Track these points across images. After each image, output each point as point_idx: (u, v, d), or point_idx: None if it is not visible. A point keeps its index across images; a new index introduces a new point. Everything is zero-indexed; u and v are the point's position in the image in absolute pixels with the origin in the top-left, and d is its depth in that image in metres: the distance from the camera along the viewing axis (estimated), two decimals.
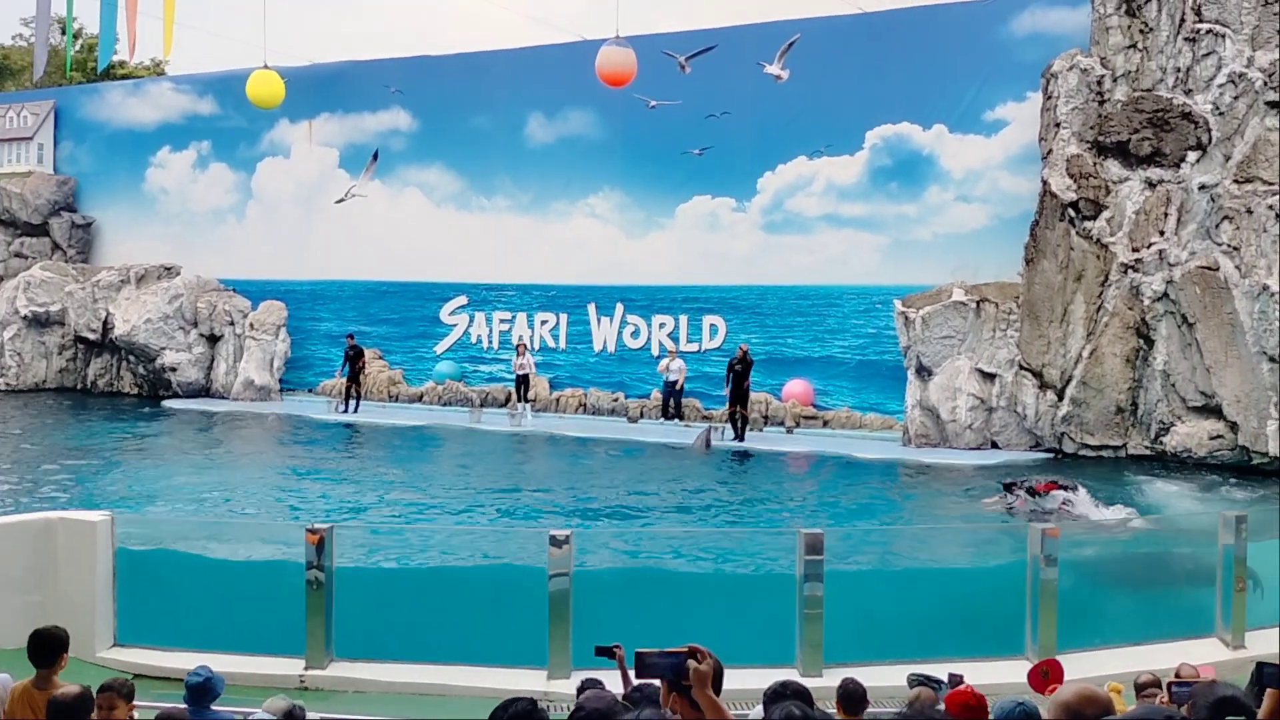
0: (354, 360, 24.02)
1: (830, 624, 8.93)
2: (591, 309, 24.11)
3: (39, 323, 27.57)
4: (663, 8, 26.63)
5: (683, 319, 23.26)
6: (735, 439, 20.15)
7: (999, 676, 7.94)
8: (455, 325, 25.58)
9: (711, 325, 23.01)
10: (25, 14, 41.59)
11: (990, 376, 19.14)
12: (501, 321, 25.06)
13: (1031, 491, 14.88)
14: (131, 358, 27.07)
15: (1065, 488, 14.72)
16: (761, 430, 21.25)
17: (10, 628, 9.18)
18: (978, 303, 19.40)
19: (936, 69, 20.91)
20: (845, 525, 13.54)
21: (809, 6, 22.25)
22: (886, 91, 21.24)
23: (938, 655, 8.46)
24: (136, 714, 5.50)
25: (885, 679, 7.73)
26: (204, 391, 26.41)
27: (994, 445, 19.08)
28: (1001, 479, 15.67)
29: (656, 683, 3.87)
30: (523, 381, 23.16)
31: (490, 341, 25.18)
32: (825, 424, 21.43)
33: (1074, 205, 18.27)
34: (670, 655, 3.61)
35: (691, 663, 3.46)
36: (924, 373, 19.60)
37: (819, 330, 22.22)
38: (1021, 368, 18.86)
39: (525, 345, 23.64)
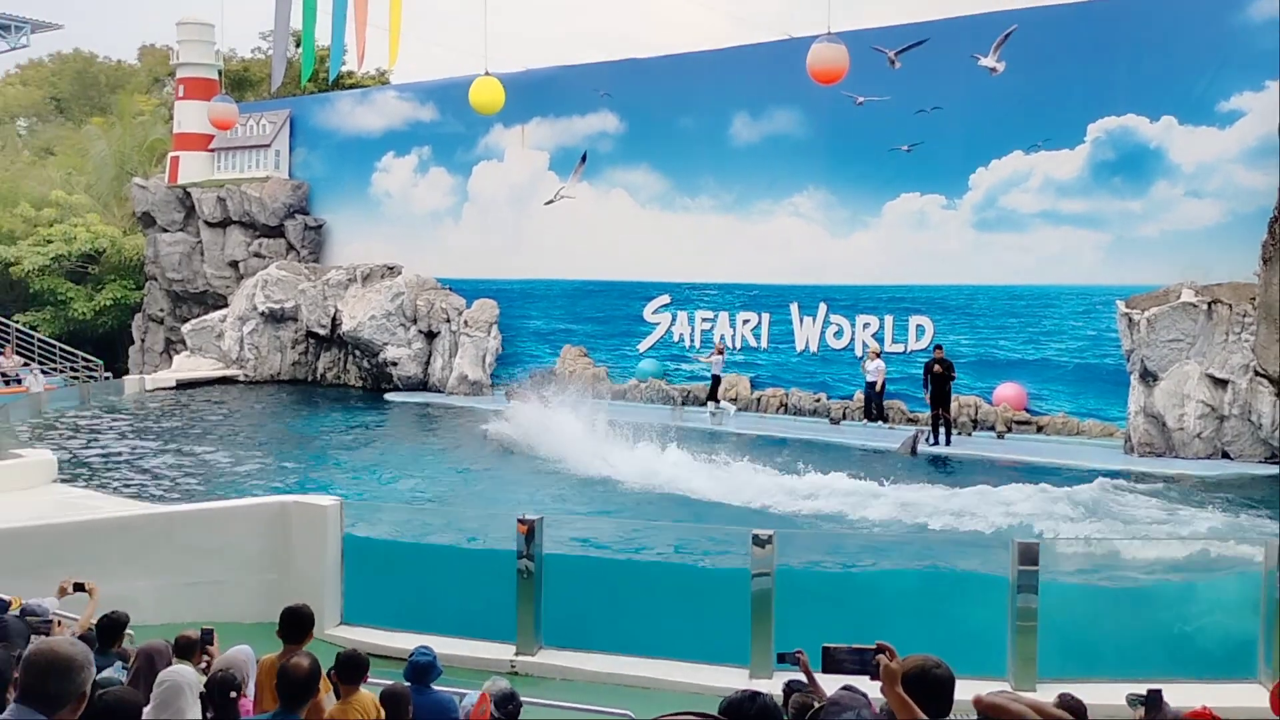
0: None
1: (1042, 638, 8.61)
2: (794, 308, 23.94)
3: (275, 318, 29.53)
4: (871, 2, 26.14)
5: (888, 319, 22.79)
6: (939, 443, 19.59)
7: (1230, 700, 7.48)
8: (658, 324, 25.90)
9: (918, 326, 22.45)
10: (264, 28, 44.52)
11: (1222, 383, 17.96)
12: (704, 320, 25.21)
13: None
14: (357, 352, 28.65)
15: None
16: (970, 435, 20.61)
17: (248, 603, 9.92)
18: (1209, 304, 18.24)
19: (1165, 57, 19.73)
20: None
21: None
22: (1110, 82, 20.18)
23: (1159, 675, 8.01)
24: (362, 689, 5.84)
25: (1101, 697, 7.35)
26: (422, 385, 27.64)
27: (1225, 455, 17.89)
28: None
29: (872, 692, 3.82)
30: (717, 380, 23.42)
31: (692, 340, 25.38)
32: (1039, 429, 20.58)
33: None
34: (859, 651, 3.56)
35: (882, 658, 3.39)
36: (1149, 378, 18.56)
37: (1034, 332, 21.34)
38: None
39: (724, 347, 24.03)
